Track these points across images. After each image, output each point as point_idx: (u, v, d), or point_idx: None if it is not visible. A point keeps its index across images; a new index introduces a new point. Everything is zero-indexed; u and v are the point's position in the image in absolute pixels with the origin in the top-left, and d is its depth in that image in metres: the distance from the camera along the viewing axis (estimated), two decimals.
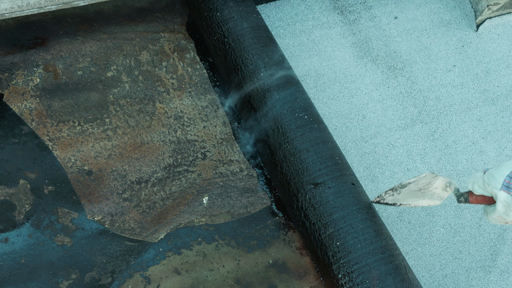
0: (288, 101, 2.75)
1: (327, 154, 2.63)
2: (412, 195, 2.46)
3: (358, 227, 2.47)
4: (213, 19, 2.99)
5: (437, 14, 3.71)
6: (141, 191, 2.64)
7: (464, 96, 3.46)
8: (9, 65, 2.77)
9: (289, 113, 2.72)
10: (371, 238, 2.46)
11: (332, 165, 2.61)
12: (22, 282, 2.34)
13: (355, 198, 2.55)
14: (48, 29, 2.91)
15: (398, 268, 2.43)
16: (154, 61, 2.99)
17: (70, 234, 2.47)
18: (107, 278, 2.42)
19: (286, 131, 2.69)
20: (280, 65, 2.86)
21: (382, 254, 2.44)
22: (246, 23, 2.95)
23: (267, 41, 2.94)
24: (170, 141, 2.79)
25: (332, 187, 2.56)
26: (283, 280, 2.57)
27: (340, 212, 2.51)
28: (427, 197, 2.44)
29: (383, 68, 3.44)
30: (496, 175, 2.11)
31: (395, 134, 3.25)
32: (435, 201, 2.45)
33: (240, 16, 2.96)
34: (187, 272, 2.50)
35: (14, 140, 2.60)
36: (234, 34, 2.93)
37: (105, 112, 2.78)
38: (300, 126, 2.69)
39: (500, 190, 2.09)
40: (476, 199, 2.26)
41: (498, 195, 2.10)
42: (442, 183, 2.38)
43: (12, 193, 2.49)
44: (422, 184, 2.41)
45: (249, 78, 2.83)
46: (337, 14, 3.57)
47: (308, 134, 2.67)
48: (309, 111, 2.76)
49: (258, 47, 2.89)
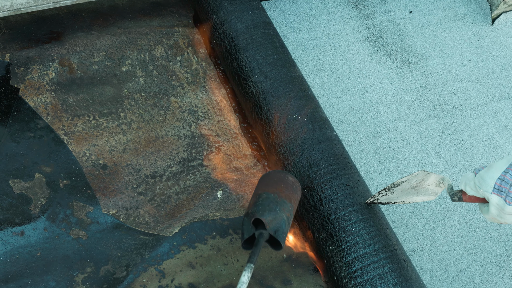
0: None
1: (319, 157, 2.62)
2: (405, 193, 2.45)
3: (350, 231, 2.46)
4: (211, 21, 3.00)
5: (452, 8, 3.70)
6: (156, 185, 2.65)
7: (480, 91, 3.44)
8: (24, 59, 2.78)
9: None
10: (364, 241, 2.45)
11: (326, 166, 2.60)
12: (38, 275, 2.35)
13: (348, 201, 2.53)
14: (63, 24, 2.92)
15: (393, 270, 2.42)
16: (168, 55, 3.00)
17: (85, 227, 2.48)
18: (122, 272, 2.43)
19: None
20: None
21: (375, 258, 2.43)
22: (241, 23, 2.93)
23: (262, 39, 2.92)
24: (185, 135, 2.79)
25: (325, 190, 2.55)
26: (297, 274, 2.57)
27: (333, 215, 2.51)
28: (421, 194, 2.43)
29: (398, 62, 3.43)
30: (486, 178, 2.09)
31: (410, 129, 3.24)
32: (430, 197, 2.43)
33: (235, 17, 2.94)
34: (201, 266, 2.50)
35: (30, 134, 2.61)
36: (229, 36, 2.92)
37: (120, 106, 2.79)
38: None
39: (492, 194, 2.07)
40: (469, 198, 2.24)
41: (490, 199, 2.08)
42: (435, 179, 2.36)
43: (28, 187, 2.50)
44: (415, 182, 2.40)
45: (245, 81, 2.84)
46: (351, 8, 3.56)
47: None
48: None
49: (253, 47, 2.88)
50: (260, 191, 2.42)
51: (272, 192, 2.39)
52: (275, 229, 2.30)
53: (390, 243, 2.47)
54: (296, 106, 2.71)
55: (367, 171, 3.07)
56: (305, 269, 2.59)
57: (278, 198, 2.37)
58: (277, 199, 2.36)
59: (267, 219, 2.29)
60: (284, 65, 2.82)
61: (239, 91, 2.89)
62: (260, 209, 2.32)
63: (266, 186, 2.43)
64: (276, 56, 2.84)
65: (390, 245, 2.46)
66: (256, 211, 2.32)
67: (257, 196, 2.40)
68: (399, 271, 2.40)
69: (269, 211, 2.31)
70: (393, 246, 2.47)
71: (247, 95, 2.83)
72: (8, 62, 2.75)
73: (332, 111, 3.19)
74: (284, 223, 2.34)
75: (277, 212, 2.33)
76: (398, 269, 2.40)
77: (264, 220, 2.28)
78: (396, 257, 2.44)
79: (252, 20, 2.92)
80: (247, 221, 2.32)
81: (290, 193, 2.44)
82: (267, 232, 2.30)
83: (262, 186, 2.45)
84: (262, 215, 2.29)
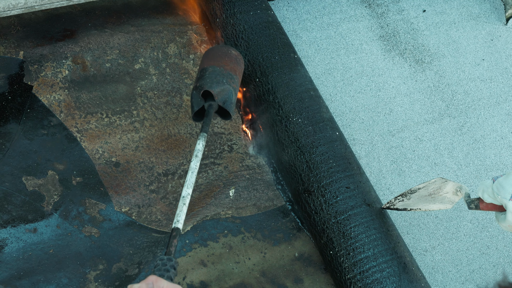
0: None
1: (319, 160, 2.61)
2: (422, 200, 2.44)
3: (349, 235, 2.45)
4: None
5: (466, 8, 3.68)
6: (168, 183, 2.65)
7: (493, 90, 3.42)
8: (38, 57, 2.79)
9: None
10: (362, 246, 2.44)
11: (326, 170, 2.58)
12: (50, 272, 2.36)
13: (347, 204, 2.52)
14: (77, 22, 2.93)
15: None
16: (181, 53, 3.00)
17: (97, 225, 2.49)
18: (134, 269, 2.43)
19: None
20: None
21: (374, 262, 2.42)
22: (246, 24, 2.93)
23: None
24: (197, 133, 2.79)
25: (325, 194, 2.54)
26: (309, 273, 2.57)
27: (332, 220, 2.50)
28: (437, 202, 2.42)
29: (411, 61, 3.42)
30: (505, 185, 2.08)
31: (423, 128, 3.23)
32: (446, 205, 2.42)
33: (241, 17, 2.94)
34: (213, 264, 2.50)
35: (43, 131, 2.62)
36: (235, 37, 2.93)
37: (133, 104, 2.80)
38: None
39: (509, 201, 2.06)
40: (486, 206, 2.24)
41: (508, 206, 2.08)
42: (453, 187, 2.35)
43: (41, 184, 2.51)
44: (432, 189, 2.39)
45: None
46: (364, 7, 3.55)
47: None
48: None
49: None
50: (206, 65, 2.53)
51: (217, 66, 2.50)
52: (224, 100, 2.44)
53: (390, 246, 2.45)
54: (296, 109, 2.70)
55: (380, 170, 3.06)
56: (317, 268, 2.59)
57: (224, 71, 2.50)
58: (223, 72, 2.49)
59: (215, 91, 2.42)
60: (285, 66, 2.80)
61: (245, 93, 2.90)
62: (208, 81, 2.44)
63: (211, 60, 2.55)
64: (278, 57, 2.83)
65: (390, 248, 2.45)
66: (204, 84, 2.44)
67: (203, 70, 2.51)
68: (399, 275, 2.39)
69: (216, 83, 2.44)
70: (394, 249, 2.46)
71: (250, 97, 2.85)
72: (22, 59, 2.76)
73: (345, 110, 3.18)
74: (231, 93, 2.47)
75: (224, 84, 2.45)
76: (398, 273, 2.39)
77: (213, 92, 2.41)
78: (396, 260, 2.43)
79: (255, 20, 2.91)
80: (196, 94, 2.44)
81: (235, 66, 2.56)
82: (216, 103, 2.44)
83: (207, 60, 2.56)
84: (210, 87, 2.42)
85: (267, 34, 2.87)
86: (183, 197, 2.18)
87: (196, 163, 2.28)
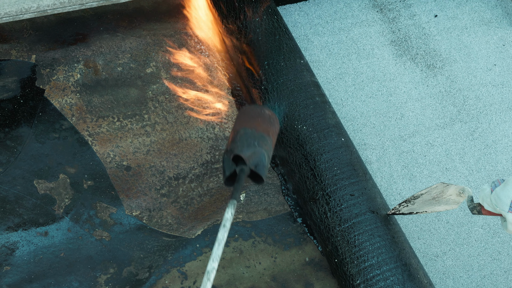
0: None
1: (324, 167, 2.60)
2: (427, 203, 2.44)
3: (353, 243, 2.44)
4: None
5: (478, 13, 3.67)
6: (179, 187, 2.66)
7: (505, 96, 3.41)
8: (50, 60, 2.80)
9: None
10: (366, 254, 2.43)
11: (330, 177, 2.57)
12: (61, 275, 2.36)
13: (351, 212, 2.51)
14: (89, 26, 2.94)
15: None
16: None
17: (108, 228, 2.50)
18: (145, 273, 2.44)
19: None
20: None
21: (377, 270, 2.41)
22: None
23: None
24: (208, 137, 2.80)
25: (329, 202, 2.53)
26: (319, 278, 2.57)
27: (337, 228, 2.49)
28: (442, 203, 2.42)
29: (422, 66, 3.41)
30: (502, 197, 2.08)
31: (434, 133, 3.22)
32: (452, 206, 2.42)
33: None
34: (223, 268, 2.50)
35: (55, 135, 2.63)
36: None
37: (144, 108, 2.80)
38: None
39: (508, 212, 2.06)
40: (489, 212, 2.24)
41: (507, 217, 2.08)
42: (456, 190, 2.35)
43: (52, 187, 2.52)
44: (434, 194, 2.38)
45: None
46: (376, 12, 3.54)
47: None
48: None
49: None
50: (238, 127, 2.42)
51: (249, 127, 2.40)
52: (255, 164, 2.31)
53: (394, 253, 2.45)
54: (301, 116, 2.69)
55: (391, 175, 3.05)
56: (327, 272, 2.59)
57: (256, 132, 2.39)
58: (255, 134, 2.38)
59: (246, 155, 2.31)
60: (290, 73, 2.79)
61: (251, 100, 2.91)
62: (239, 145, 2.34)
63: (244, 122, 2.44)
64: (283, 63, 2.82)
65: (394, 256, 2.44)
66: (235, 148, 2.33)
67: (235, 132, 2.41)
68: (403, 283, 2.38)
69: (247, 146, 2.33)
70: (399, 256, 2.45)
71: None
72: (34, 63, 2.78)
73: (356, 115, 3.18)
74: (263, 156, 2.35)
75: (256, 147, 2.34)
76: (402, 282, 2.38)
77: (244, 156, 2.29)
78: (401, 268, 2.42)
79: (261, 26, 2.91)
80: (227, 158, 2.33)
81: (268, 127, 2.45)
82: (248, 167, 2.31)
83: (239, 122, 2.46)
84: (241, 151, 2.31)
85: (273, 40, 2.86)
86: (208, 271, 1.99)
87: (224, 234, 2.08)
